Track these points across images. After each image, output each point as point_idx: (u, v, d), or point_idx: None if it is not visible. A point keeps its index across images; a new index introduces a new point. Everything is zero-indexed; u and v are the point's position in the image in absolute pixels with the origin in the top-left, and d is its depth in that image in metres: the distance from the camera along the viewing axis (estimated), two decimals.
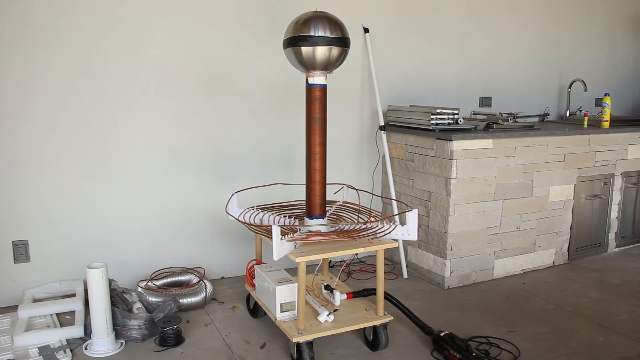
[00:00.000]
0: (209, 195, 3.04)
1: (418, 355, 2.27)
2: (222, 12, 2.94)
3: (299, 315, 2.12)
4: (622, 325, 2.56)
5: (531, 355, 2.28)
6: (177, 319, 2.37)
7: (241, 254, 3.14)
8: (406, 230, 2.23)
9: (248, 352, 2.28)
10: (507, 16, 3.85)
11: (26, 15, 2.54)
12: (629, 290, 3.03)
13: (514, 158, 3.10)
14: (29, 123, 2.63)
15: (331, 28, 2.10)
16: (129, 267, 2.90)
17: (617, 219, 3.71)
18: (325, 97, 2.24)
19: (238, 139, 3.08)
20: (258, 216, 2.48)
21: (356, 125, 3.43)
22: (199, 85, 2.94)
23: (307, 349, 2.11)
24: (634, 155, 3.69)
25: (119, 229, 2.88)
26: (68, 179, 2.74)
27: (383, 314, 2.29)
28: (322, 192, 2.30)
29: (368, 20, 3.33)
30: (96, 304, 2.22)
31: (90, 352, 2.25)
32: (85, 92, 2.71)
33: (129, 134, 2.83)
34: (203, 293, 2.72)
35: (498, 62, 3.86)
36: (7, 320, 2.50)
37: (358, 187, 2.70)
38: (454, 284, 3.04)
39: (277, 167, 3.20)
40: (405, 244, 3.31)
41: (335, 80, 3.18)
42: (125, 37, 2.75)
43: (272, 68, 3.08)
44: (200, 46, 2.91)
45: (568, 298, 2.89)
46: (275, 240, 1.99)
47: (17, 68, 2.57)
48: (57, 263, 2.77)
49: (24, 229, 2.69)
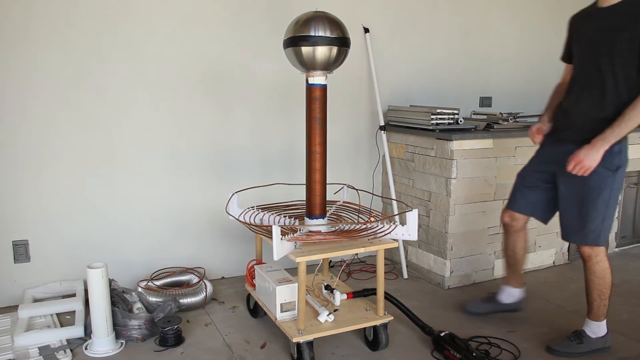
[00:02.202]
0: (209, 195, 3.04)
1: (418, 355, 2.27)
2: (223, 12, 2.94)
3: (299, 315, 2.12)
4: (622, 325, 2.56)
5: (531, 355, 2.28)
6: (178, 319, 2.37)
7: (241, 254, 3.13)
8: (406, 230, 2.23)
9: (248, 352, 2.28)
10: (507, 16, 3.85)
11: (26, 15, 2.54)
12: (629, 290, 3.03)
13: (514, 158, 3.10)
14: (29, 123, 2.63)
15: (331, 28, 2.10)
16: (129, 267, 2.90)
17: (617, 219, 3.71)
18: (326, 97, 2.24)
19: (238, 138, 3.08)
20: (258, 216, 2.48)
21: (356, 125, 3.43)
22: (199, 85, 2.94)
23: (307, 349, 2.11)
24: (633, 155, 3.67)
25: (119, 229, 2.88)
26: (68, 178, 2.74)
27: (383, 314, 2.29)
28: (322, 192, 2.30)
29: (368, 20, 3.33)
30: (96, 304, 2.22)
31: (91, 352, 2.25)
32: (85, 92, 2.71)
33: (129, 134, 2.83)
34: (203, 293, 2.72)
35: (498, 62, 3.86)
36: (7, 320, 2.50)
37: (358, 187, 2.70)
38: (454, 284, 3.04)
39: (277, 167, 3.20)
40: (406, 244, 3.30)
41: (336, 80, 3.18)
42: (125, 37, 2.74)
43: (272, 68, 3.08)
44: (200, 46, 2.91)
45: (568, 298, 2.89)
46: (276, 240, 1.98)
47: (17, 68, 2.57)
48: (57, 263, 2.77)
49: (24, 228, 2.69)
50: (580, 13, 2.29)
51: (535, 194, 2.38)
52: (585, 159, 2.04)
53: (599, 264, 2.21)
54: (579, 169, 2.06)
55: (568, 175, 2.15)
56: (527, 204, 2.41)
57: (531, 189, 2.39)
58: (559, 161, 2.19)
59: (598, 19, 2.13)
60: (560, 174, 2.23)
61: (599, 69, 2.10)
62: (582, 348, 2.27)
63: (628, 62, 2.02)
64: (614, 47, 2.04)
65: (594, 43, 2.12)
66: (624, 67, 2.03)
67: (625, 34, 2.00)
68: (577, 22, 2.29)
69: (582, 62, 2.21)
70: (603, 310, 2.27)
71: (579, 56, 2.23)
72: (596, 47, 2.11)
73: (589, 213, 2.15)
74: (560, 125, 2.30)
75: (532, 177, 2.39)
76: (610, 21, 2.06)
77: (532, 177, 2.39)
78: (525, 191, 2.41)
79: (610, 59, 2.05)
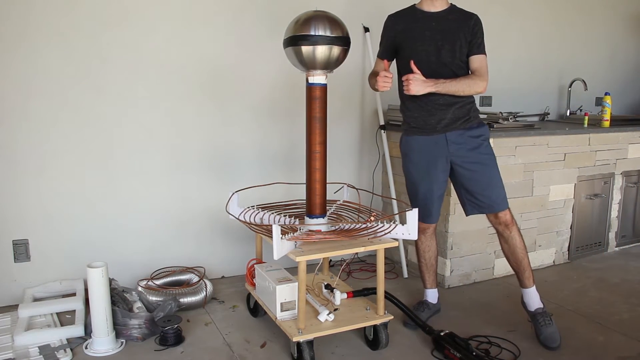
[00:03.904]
0: (209, 195, 3.04)
1: (418, 355, 2.27)
2: (223, 11, 2.94)
3: (299, 314, 2.12)
4: (623, 325, 2.56)
5: (531, 354, 2.28)
6: (178, 318, 2.37)
7: (241, 253, 3.13)
8: (406, 230, 2.23)
9: (248, 352, 2.29)
10: (507, 16, 3.85)
11: (26, 15, 2.54)
12: (629, 289, 3.03)
13: (514, 157, 3.10)
14: (29, 123, 2.63)
15: (332, 27, 2.10)
16: (129, 266, 2.90)
17: (617, 218, 3.71)
18: (326, 97, 2.24)
19: (238, 138, 3.08)
20: (258, 215, 2.48)
21: (356, 125, 3.43)
22: (199, 85, 2.94)
23: (307, 348, 2.11)
24: (634, 154, 3.68)
25: (120, 228, 2.88)
26: (68, 178, 2.74)
27: (383, 313, 2.29)
28: (322, 192, 2.30)
29: (368, 20, 3.33)
30: (96, 303, 2.22)
31: (91, 352, 2.25)
32: (85, 92, 2.71)
33: (130, 134, 2.83)
34: (203, 292, 2.72)
35: (498, 61, 3.85)
36: (8, 320, 2.50)
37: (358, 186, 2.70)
38: (454, 283, 3.04)
39: (278, 167, 3.20)
40: (406, 243, 3.30)
41: (336, 79, 3.17)
42: (125, 36, 2.74)
43: (272, 67, 3.07)
44: (200, 46, 2.91)
45: (568, 297, 2.89)
46: (276, 239, 1.98)
47: (18, 67, 2.57)
48: (57, 262, 2.77)
49: (24, 228, 2.69)
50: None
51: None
52: (414, 82, 2.18)
53: (516, 225, 2.42)
54: (405, 85, 2.21)
55: (463, 159, 2.34)
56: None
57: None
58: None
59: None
60: (456, 161, 2.37)
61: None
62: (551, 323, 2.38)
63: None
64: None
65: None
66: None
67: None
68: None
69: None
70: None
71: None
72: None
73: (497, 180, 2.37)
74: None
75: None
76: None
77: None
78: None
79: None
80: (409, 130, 2.43)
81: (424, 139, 2.38)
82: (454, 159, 2.35)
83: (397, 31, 2.38)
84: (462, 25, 2.30)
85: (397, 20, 2.41)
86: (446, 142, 2.34)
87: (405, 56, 2.33)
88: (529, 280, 2.42)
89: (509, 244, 2.41)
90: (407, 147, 2.46)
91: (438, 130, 2.34)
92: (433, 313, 2.60)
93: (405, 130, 2.47)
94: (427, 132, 2.36)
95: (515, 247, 2.40)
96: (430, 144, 2.37)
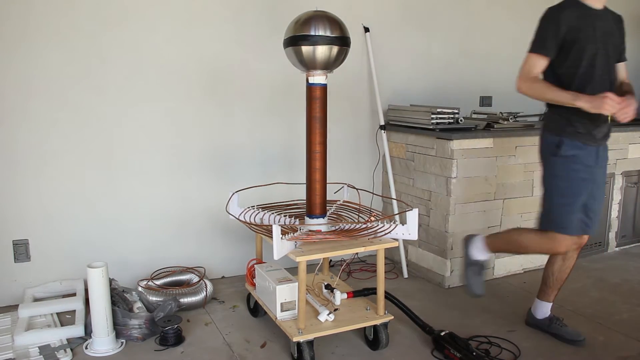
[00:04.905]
0: (209, 195, 3.04)
1: (418, 355, 2.27)
2: (223, 11, 2.94)
3: (300, 314, 2.12)
4: (623, 325, 2.56)
5: (531, 354, 2.28)
6: (178, 318, 2.37)
7: (241, 254, 3.13)
8: (406, 230, 2.23)
9: (248, 352, 2.28)
10: (507, 16, 3.84)
11: (26, 15, 2.54)
12: (629, 289, 3.03)
13: (515, 157, 3.10)
14: (29, 123, 2.63)
15: (332, 27, 2.10)
16: (129, 266, 2.90)
17: (617, 218, 3.71)
18: (326, 97, 2.24)
19: (238, 138, 3.08)
20: (258, 215, 2.48)
21: (356, 125, 3.43)
22: (199, 85, 2.94)
23: (307, 348, 2.11)
24: (634, 154, 3.68)
25: (120, 228, 2.88)
26: (68, 178, 2.74)
27: (383, 313, 2.29)
28: (322, 192, 2.30)
29: (368, 20, 3.33)
30: (96, 303, 2.22)
31: (91, 352, 2.25)
32: (85, 92, 2.71)
33: (130, 134, 2.83)
34: (203, 292, 2.72)
35: (498, 62, 3.85)
36: (8, 320, 2.50)
37: (358, 186, 2.69)
38: (454, 283, 3.04)
39: (278, 167, 3.20)
40: (406, 243, 3.30)
41: (336, 79, 3.17)
42: (125, 36, 2.74)
43: (272, 67, 3.07)
44: (200, 46, 2.91)
45: (568, 297, 2.88)
46: (276, 239, 1.98)
47: (18, 68, 2.57)
48: (57, 262, 2.77)
49: (24, 228, 2.69)
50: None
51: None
52: (631, 108, 1.97)
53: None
54: (624, 113, 1.97)
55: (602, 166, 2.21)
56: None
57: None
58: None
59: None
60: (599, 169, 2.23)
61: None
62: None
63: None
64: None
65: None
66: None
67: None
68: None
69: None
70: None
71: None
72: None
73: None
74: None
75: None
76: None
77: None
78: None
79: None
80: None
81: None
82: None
83: (571, 27, 2.10)
84: (619, 27, 2.21)
85: (569, 14, 2.13)
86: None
87: (577, 58, 2.11)
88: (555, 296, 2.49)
89: (564, 261, 2.40)
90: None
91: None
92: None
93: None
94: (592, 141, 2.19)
95: (569, 268, 2.41)
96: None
